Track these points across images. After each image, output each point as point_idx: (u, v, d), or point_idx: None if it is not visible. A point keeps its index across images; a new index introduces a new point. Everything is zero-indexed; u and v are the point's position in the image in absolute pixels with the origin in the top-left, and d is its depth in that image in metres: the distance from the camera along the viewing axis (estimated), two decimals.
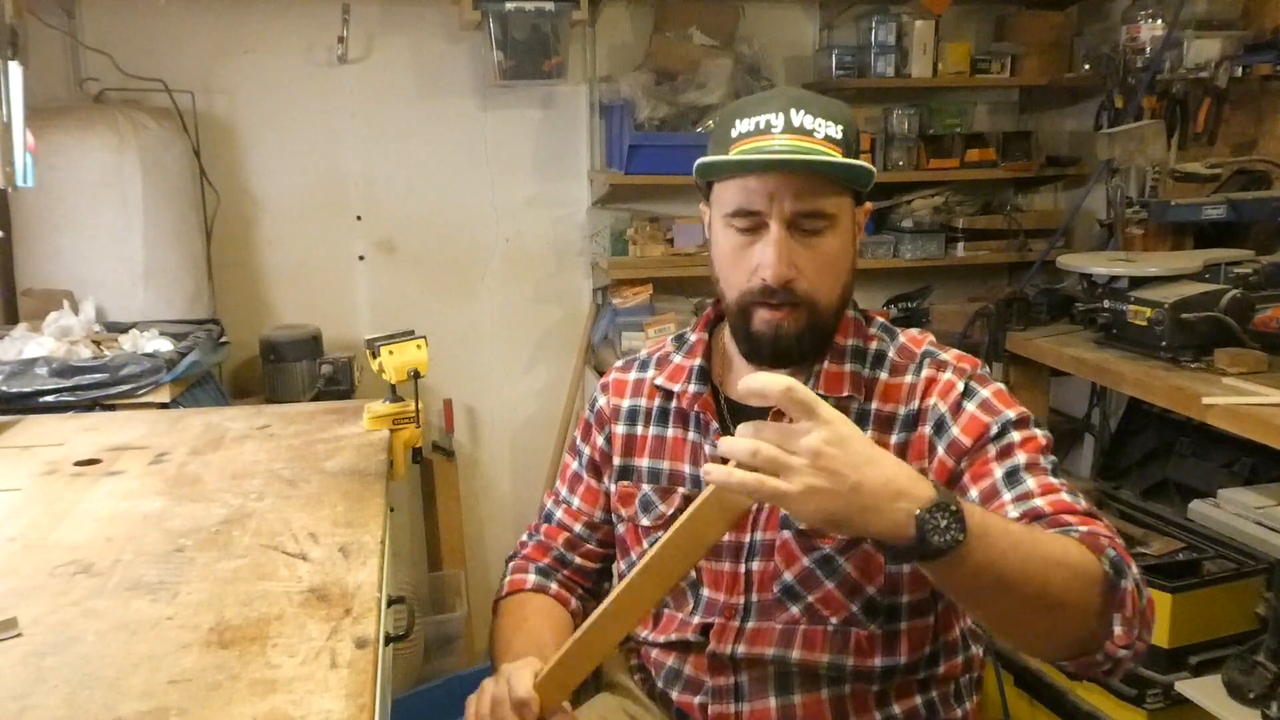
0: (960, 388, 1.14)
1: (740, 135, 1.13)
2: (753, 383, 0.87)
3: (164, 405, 2.03)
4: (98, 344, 2.15)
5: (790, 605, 1.15)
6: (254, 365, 2.73)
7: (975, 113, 3.23)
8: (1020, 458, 1.08)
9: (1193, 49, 2.47)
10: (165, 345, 2.14)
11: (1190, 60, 2.48)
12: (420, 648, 2.72)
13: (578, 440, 1.38)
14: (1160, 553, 2.15)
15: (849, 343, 1.20)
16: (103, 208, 2.39)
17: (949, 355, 1.20)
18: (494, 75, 2.76)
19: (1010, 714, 2.29)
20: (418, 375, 1.75)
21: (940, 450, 1.13)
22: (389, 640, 1.32)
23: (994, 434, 1.10)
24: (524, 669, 1.05)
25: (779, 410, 1.16)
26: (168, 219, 2.49)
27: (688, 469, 1.24)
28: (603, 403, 1.34)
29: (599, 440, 1.34)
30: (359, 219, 2.96)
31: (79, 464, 1.58)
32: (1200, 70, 2.48)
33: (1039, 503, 1.03)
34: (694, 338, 1.29)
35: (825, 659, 1.14)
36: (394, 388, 1.78)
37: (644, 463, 1.27)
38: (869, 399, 1.18)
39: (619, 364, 1.38)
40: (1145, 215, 2.51)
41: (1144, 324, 2.14)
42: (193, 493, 1.45)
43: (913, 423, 1.15)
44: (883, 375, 1.19)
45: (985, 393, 1.14)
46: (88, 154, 2.37)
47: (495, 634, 1.31)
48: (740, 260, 1.14)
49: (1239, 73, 2.46)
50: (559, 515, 1.37)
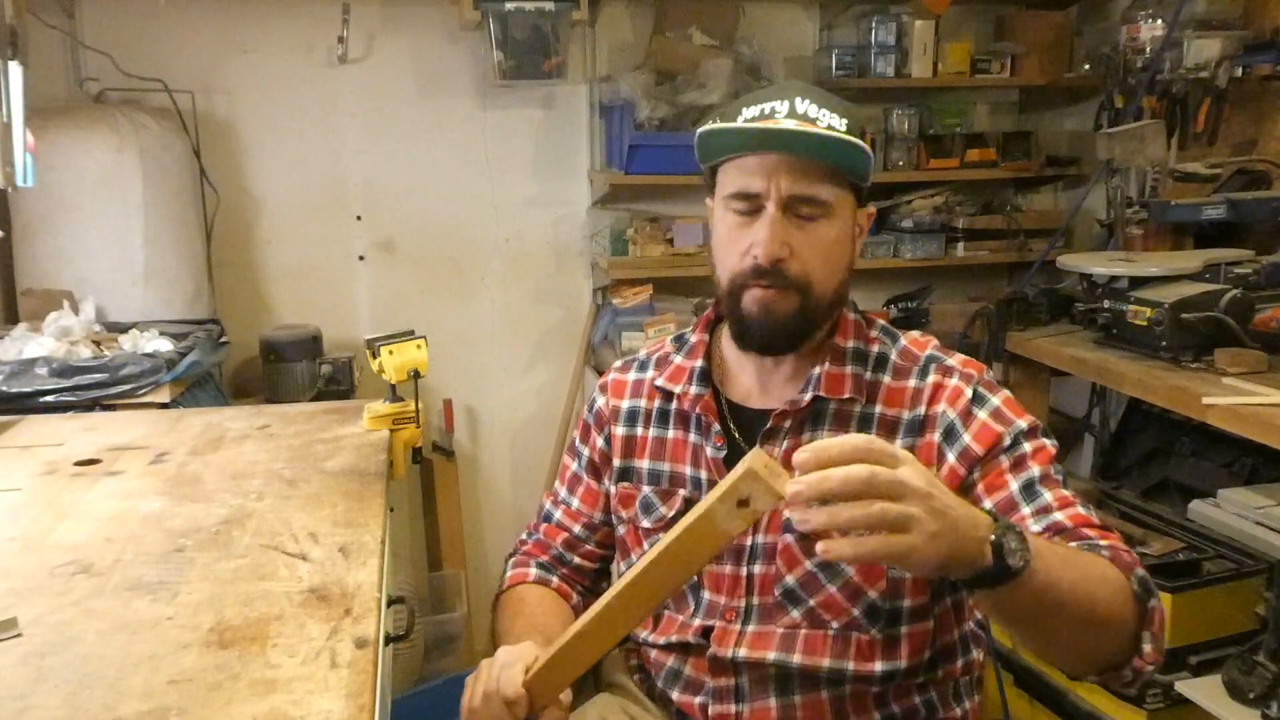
0: (969, 394, 1.15)
1: (745, 120, 1.14)
2: (821, 446, 0.83)
3: (164, 405, 2.03)
4: (98, 344, 2.15)
5: (791, 609, 1.15)
6: (254, 365, 2.73)
7: (975, 113, 3.23)
8: (1034, 470, 1.09)
9: (1193, 49, 2.47)
10: (165, 345, 2.14)
11: (1190, 60, 2.48)
12: (420, 648, 2.72)
13: (577, 441, 1.38)
14: (1160, 553, 2.15)
15: (850, 345, 1.20)
16: (103, 208, 2.39)
17: (955, 361, 1.19)
18: (494, 75, 2.76)
19: (1010, 714, 2.29)
20: (418, 375, 1.75)
21: (951, 458, 1.12)
22: (389, 640, 1.32)
23: (1007, 444, 1.11)
24: (516, 665, 1.05)
25: (782, 412, 1.17)
26: (168, 219, 2.49)
27: (688, 471, 1.23)
28: (601, 403, 1.34)
29: (598, 441, 1.33)
30: (359, 219, 2.96)
31: (79, 464, 1.58)
32: (1200, 70, 2.48)
33: (1059, 517, 1.05)
34: (694, 338, 1.29)
35: (826, 663, 1.13)
36: (394, 388, 1.78)
37: (644, 464, 1.27)
38: (871, 402, 1.17)
39: (618, 364, 1.37)
40: (1145, 215, 2.51)
41: (1144, 324, 2.14)
42: (193, 493, 1.45)
43: (918, 429, 1.15)
44: (885, 378, 1.18)
45: (995, 400, 1.14)
46: (88, 154, 2.38)
47: (496, 624, 1.31)
48: (735, 242, 1.15)
49: (1239, 73, 2.46)
50: (558, 516, 1.37)
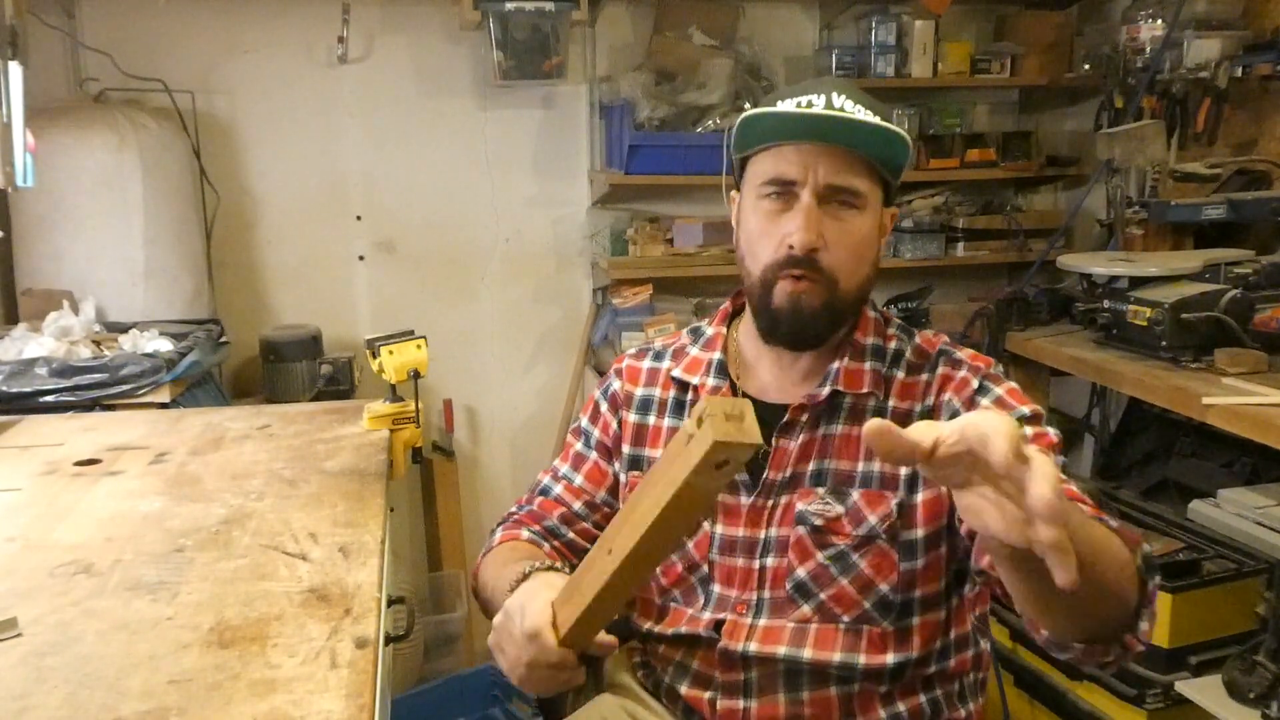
0: (975, 384, 1.16)
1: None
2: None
3: (164, 405, 2.03)
4: (98, 344, 2.15)
5: (802, 603, 1.15)
6: (254, 365, 2.73)
7: (975, 113, 3.22)
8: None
9: (1193, 49, 2.47)
10: (165, 345, 2.14)
11: (1190, 60, 2.48)
12: (420, 648, 2.72)
13: (584, 421, 1.36)
14: (1160, 553, 2.14)
15: (869, 341, 1.22)
16: (103, 208, 2.39)
17: (964, 354, 1.22)
18: (494, 75, 2.76)
19: (1010, 714, 2.29)
20: (418, 375, 1.76)
21: None
22: (389, 640, 1.32)
23: None
24: (543, 633, 1.00)
25: (799, 406, 1.16)
26: (168, 219, 2.49)
27: None
28: (616, 386, 1.33)
29: (611, 423, 1.32)
30: (359, 219, 2.96)
31: (79, 464, 1.58)
32: (1200, 70, 2.48)
33: None
34: (711, 331, 1.30)
35: (837, 658, 1.14)
36: (394, 388, 1.78)
37: (658, 454, 1.26)
38: (887, 397, 1.19)
39: (632, 351, 1.37)
40: (1145, 215, 2.51)
41: (1144, 324, 2.14)
42: (193, 493, 1.45)
43: (927, 418, 1.16)
44: (899, 374, 1.20)
45: (999, 390, 1.16)
46: (88, 154, 2.37)
47: (484, 575, 1.26)
48: (769, 232, 1.15)
49: (1239, 73, 2.46)
50: (557, 490, 1.34)
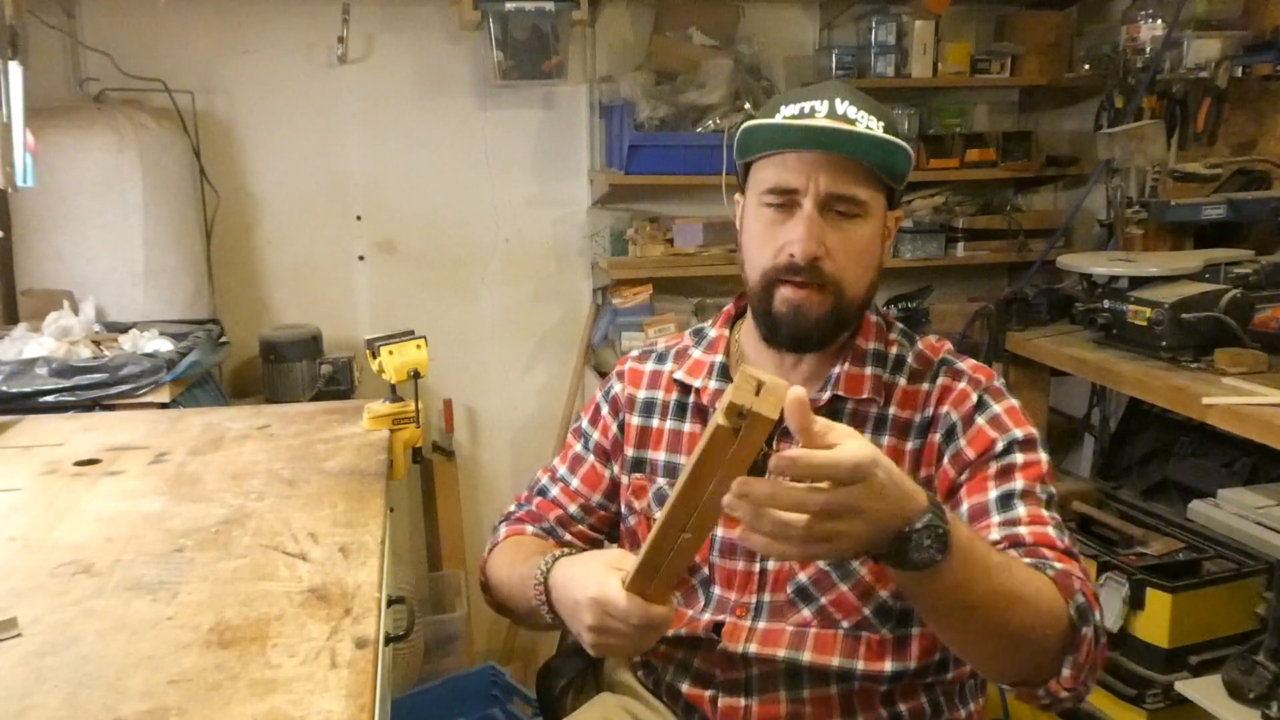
0: (974, 399, 1.16)
1: (784, 118, 1.15)
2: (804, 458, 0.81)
3: (164, 405, 2.03)
4: (98, 344, 2.15)
5: (802, 607, 1.15)
6: (254, 365, 2.73)
7: (975, 113, 3.22)
8: (1018, 483, 1.09)
9: (1193, 49, 2.47)
10: (165, 345, 2.14)
11: (1190, 60, 2.48)
12: (420, 648, 2.71)
13: (584, 423, 1.37)
14: (1160, 553, 2.15)
15: (871, 346, 1.21)
16: (103, 208, 2.39)
17: (965, 365, 1.21)
18: (494, 75, 2.76)
19: (1010, 714, 2.29)
20: (418, 375, 1.76)
21: (945, 459, 1.14)
22: (389, 640, 1.32)
23: (999, 451, 1.11)
24: (611, 581, 0.98)
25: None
26: (168, 219, 2.49)
27: None
28: (618, 390, 1.34)
29: (612, 426, 1.33)
30: (359, 219, 2.96)
31: (79, 464, 1.58)
32: (1200, 70, 2.48)
33: (1022, 531, 1.05)
34: (714, 333, 1.30)
35: (835, 662, 1.14)
36: (394, 388, 1.78)
37: (660, 456, 1.27)
38: (887, 404, 1.18)
39: (634, 353, 1.37)
40: (1145, 215, 2.51)
41: (1144, 324, 2.14)
42: (193, 493, 1.45)
43: (926, 429, 1.17)
44: (901, 381, 1.20)
45: (998, 408, 1.15)
46: (88, 154, 2.37)
47: (495, 564, 1.28)
48: (769, 238, 1.15)
49: (1239, 73, 2.46)
50: (554, 492, 1.35)
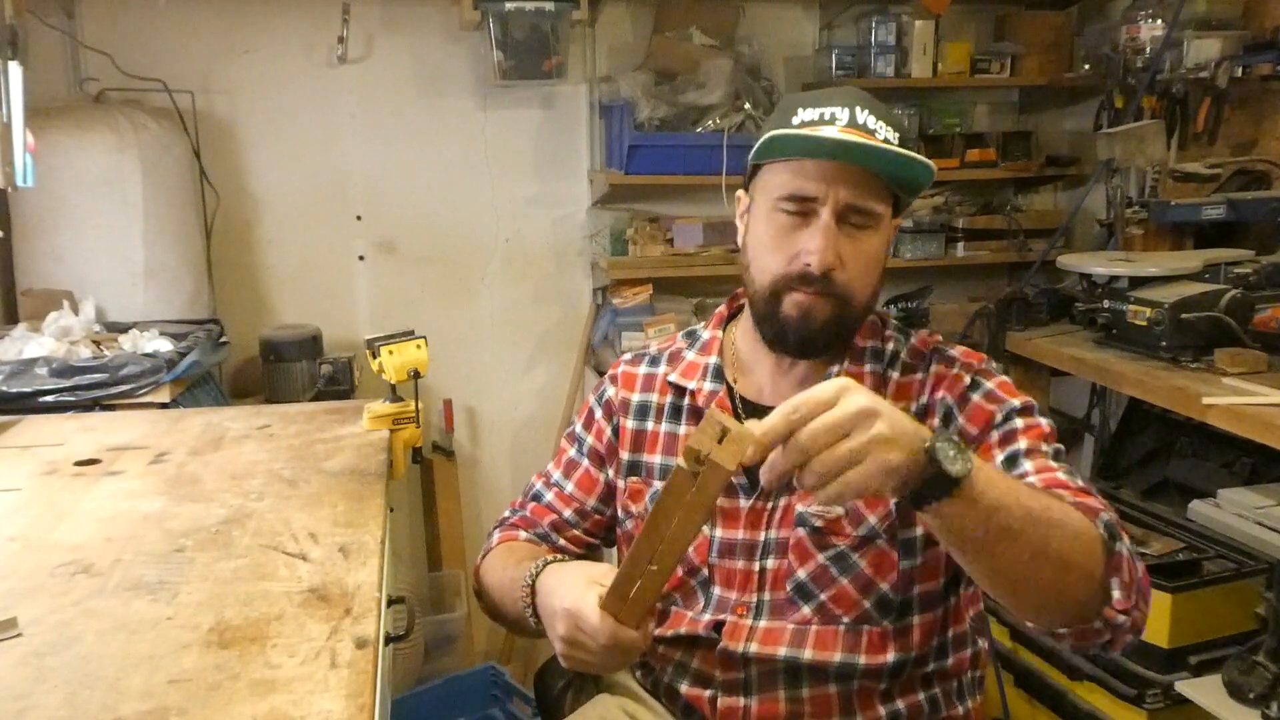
0: (967, 380, 1.17)
1: (803, 122, 1.14)
2: (752, 448, 0.85)
3: (164, 405, 2.03)
4: (98, 344, 2.15)
5: (802, 604, 1.16)
6: (254, 365, 2.73)
7: (975, 113, 3.23)
8: (1021, 444, 1.11)
9: (1193, 49, 2.47)
10: (165, 345, 2.14)
11: (1190, 60, 2.48)
12: (420, 648, 2.71)
13: (578, 428, 1.37)
14: (1160, 553, 2.15)
15: (868, 344, 1.23)
16: (103, 208, 2.39)
17: (956, 351, 1.22)
18: (494, 75, 2.76)
19: (1010, 714, 2.29)
20: (418, 375, 1.75)
21: None
22: (389, 640, 1.32)
23: (998, 421, 1.13)
24: (588, 596, 0.99)
25: None
26: (168, 219, 2.49)
27: None
28: (611, 393, 1.34)
29: (606, 431, 1.33)
30: (359, 219, 2.96)
31: (79, 464, 1.58)
32: (1200, 70, 2.48)
33: (1033, 480, 1.06)
34: (707, 335, 1.30)
35: (837, 658, 1.14)
36: (394, 388, 1.78)
37: (656, 459, 1.27)
38: (884, 398, 1.18)
39: (627, 357, 1.37)
40: (1145, 215, 2.51)
41: (1144, 324, 2.14)
42: (193, 493, 1.45)
43: (922, 417, 1.17)
44: (895, 374, 1.21)
45: (990, 385, 1.17)
46: (88, 154, 2.37)
47: (488, 570, 1.29)
48: (782, 244, 1.15)
49: (1239, 73, 2.46)
50: (549, 497, 1.36)
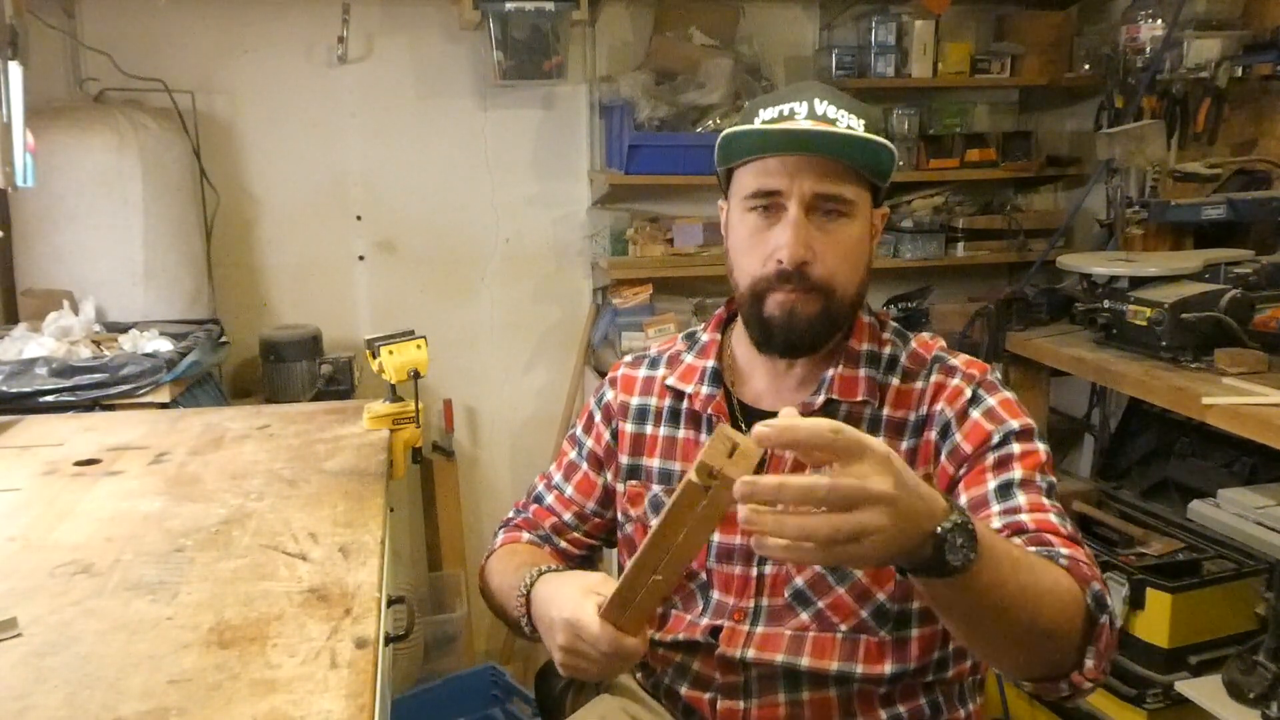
0: (968, 394, 1.15)
1: (763, 122, 1.14)
2: (786, 425, 0.79)
3: (164, 405, 2.03)
4: (98, 344, 2.15)
5: (800, 610, 1.15)
6: (254, 365, 2.73)
7: (975, 113, 3.22)
8: (1016, 472, 1.08)
9: (1193, 49, 2.47)
10: (165, 345, 2.14)
11: (1190, 60, 2.48)
12: (420, 648, 2.72)
13: (578, 431, 1.37)
14: (1160, 553, 2.15)
15: (864, 347, 1.20)
16: (103, 208, 2.39)
17: (958, 361, 1.20)
18: (494, 75, 2.76)
19: (1010, 714, 2.29)
20: (418, 375, 1.75)
21: (943, 456, 1.13)
22: (389, 640, 1.32)
23: (995, 443, 1.10)
24: (586, 605, 1.00)
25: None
26: (168, 219, 2.49)
27: None
28: (610, 397, 1.34)
29: (605, 434, 1.33)
30: (359, 219, 2.96)
31: (79, 464, 1.58)
32: (1200, 70, 2.48)
33: (1024, 519, 1.04)
34: (706, 338, 1.29)
35: (834, 666, 1.13)
36: (394, 388, 1.78)
37: (655, 463, 1.27)
38: (881, 405, 1.17)
39: (628, 359, 1.37)
40: (1145, 215, 2.51)
41: (1144, 324, 2.14)
42: (193, 493, 1.45)
43: (920, 428, 1.16)
44: (895, 381, 1.19)
45: (992, 401, 1.14)
46: (88, 154, 2.37)
47: (491, 572, 1.30)
48: (756, 245, 1.14)
49: (1239, 73, 2.46)
50: (549, 500, 1.37)
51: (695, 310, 2.97)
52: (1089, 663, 0.95)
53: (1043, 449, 1.11)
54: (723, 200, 1.23)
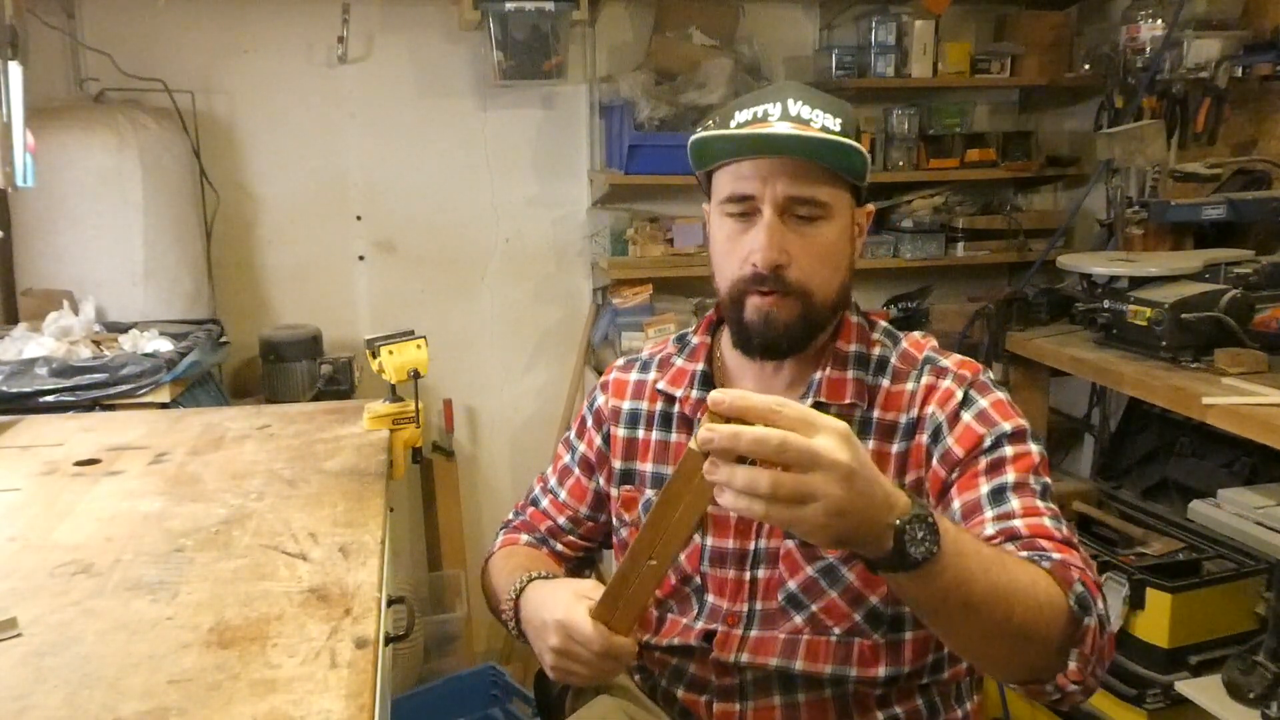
0: (959, 396, 1.13)
1: (738, 125, 1.14)
2: (726, 399, 0.80)
3: (164, 405, 2.03)
4: (98, 344, 2.15)
5: (794, 614, 1.15)
6: (254, 365, 2.73)
7: (975, 113, 3.23)
8: (1009, 476, 1.07)
9: (1193, 49, 2.47)
10: (165, 345, 2.14)
11: (1190, 60, 2.48)
12: (420, 648, 2.72)
13: (572, 435, 1.38)
14: (1160, 553, 2.15)
15: (852, 349, 1.19)
16: (103, 208, 2.39)
17: (950, 361, 1.18)
18: (494, 75, 2.76)
19: (1010, 714, 2.29)
20: (418, 375, 1.75)
21: (935, 460, 1.12)
22: (389, 640, 1.32)
23: (987, 446, 1.09)
24: (578, 608, 1.01)
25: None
26: (168, 219, 2.49)
27: None
28: (601, 402, 1.34)
29: (596, 439, 1.33)
30: (359, 219, 2.96)
31: (79, 464, 1.58)
32: (1200, 70, 2.48)
33: (1018, 524, 1.02)
34: (696, 340, 1.29)
35: (828, 670, 1.13)
36: (394, 388, 1.78)
37: (648, 467, 1.27)
38: (871, 407, 1.16)
39: (620, 363, 1.37)
40: (1145, 215, 2.51)
41: (1144, 324, 2.14)
42: (193, 493, 1.45)
43: (912, 431, 1.14)
44: (885, 382, 1.17)
45: (984, 402, 1.12)
46: (88, 154, 2.37)
47: (490, 574, 1.32)
48: (733, 249, 1.14)
49: (1239, 73, 2.46)
50: (545, 503, 1.38)
51: (695, 310, 2.97)
52: (1071, 665, 0.94)
53: (1036, 450, 1.09)
54: (706, 204, 1.23)
